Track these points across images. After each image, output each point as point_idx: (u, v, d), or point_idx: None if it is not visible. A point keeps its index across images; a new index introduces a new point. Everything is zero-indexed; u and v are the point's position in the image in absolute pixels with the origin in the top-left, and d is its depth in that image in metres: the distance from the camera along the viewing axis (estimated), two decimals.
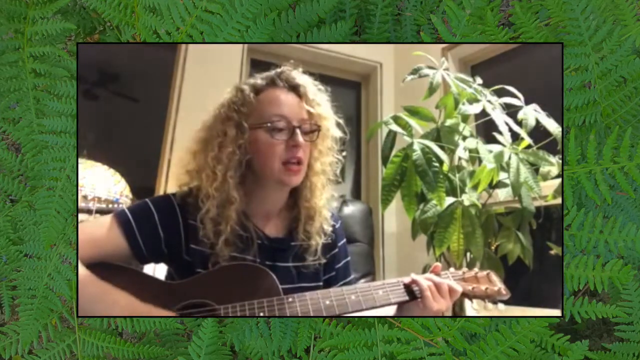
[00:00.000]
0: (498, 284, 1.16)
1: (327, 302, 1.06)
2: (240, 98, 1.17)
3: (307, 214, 1.22)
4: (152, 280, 1.11)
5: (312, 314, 1.05)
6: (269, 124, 1.14)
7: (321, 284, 1.27)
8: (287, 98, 1.17)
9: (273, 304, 1.05)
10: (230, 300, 1.06)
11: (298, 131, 1.14)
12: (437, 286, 1.11)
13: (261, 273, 1.09)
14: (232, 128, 1.15)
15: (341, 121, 1.24)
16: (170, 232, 1.14)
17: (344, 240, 1.35)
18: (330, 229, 1.26)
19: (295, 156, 1.14)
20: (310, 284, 1.24)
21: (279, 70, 1.20)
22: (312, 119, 1.18)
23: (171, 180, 2.31)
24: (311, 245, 1.22)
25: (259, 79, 1.19)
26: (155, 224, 1.14)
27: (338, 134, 1.23)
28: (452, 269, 1.19)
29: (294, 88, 1.18)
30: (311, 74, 1.23)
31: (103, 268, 1.07)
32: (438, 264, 1.17)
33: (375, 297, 1.09)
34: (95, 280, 1.04)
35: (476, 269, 1.19)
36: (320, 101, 1.20)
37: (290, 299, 1.06)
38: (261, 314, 1.04)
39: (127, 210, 1.14)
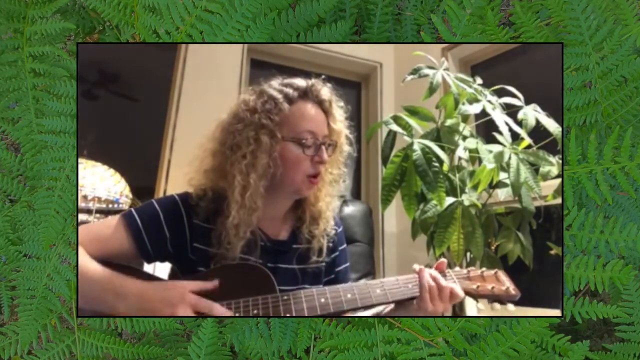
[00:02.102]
0: (507, 284, 1.14)
1: (322, 300, 1.05)
2: (273, 106, 1.17)
3: (312, 216, 1.23)
4: (153, 279, 1.11)
5: (306, 312, 1.04)
6: (303, 140, 1.16)
7: (321, 286, 1.27)
8: (316, 113, 1.19)
9: (268, 301, 1.05)
10: (227, 299, 1.05)
11: (324, 148, 1.17)
12: (440, 289, 1.10)
13: (258, 271, 1.09)
14: (266, 137, 1.15)
15: (352, 137, 1.27)
16: (176, 232, 1.16)
17: (345, 245, 1.35)
18: (332, 232, 1.27)
19: (318, 171, 1.17)
20: (312, 287, 1.23)
21: (310, 83, 1.21)
22: (331, 134, 1.21)
23: (173, 180, 2.31)
24: (313, 247, 1.23)
25: (290, 89, 1.19)
26: (161, 225, 1.15)
27: (348, 149, 1.26)
28: (457, 268, 1.17)
29: (321, 103, 1.20)
30: (331, 83, 1.25)
31: (106, 266, 1.08)
32: (444, 260, 1.16)
33: (372, 295, 1.08)
34: (102, 269, 1.06)
35: (484, 268, 1.17)
36: (339, 118, 1.23)
37: (285, 297, 1.05)
38: (255, 312, 1.04)
39: (134, 212, 1.16)
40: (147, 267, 1.68)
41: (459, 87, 1.71)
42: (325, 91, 1.22)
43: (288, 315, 1.04)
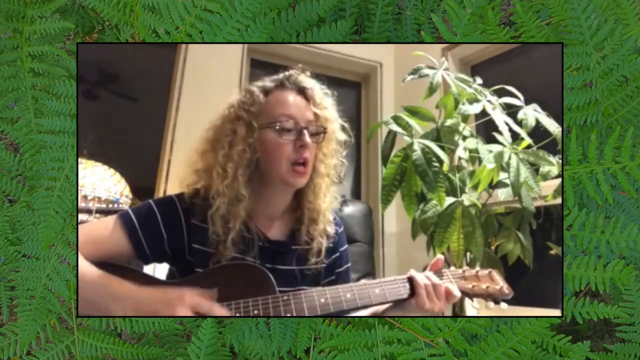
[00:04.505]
0: (500, 283, 1.16)
1: (322, 300, 1.06)
2: (249, 98, 1.19)
3: (310, 216, 1.22)
4: (151, 279, 1.11)
5: (306, 312, 1.04)
6: (277, 124, 1.15)
7: (321, 287, 1.26)
8: (295, 99, 1.19)
9: (268, 302, 1.05)
10: (227, 299, 1.05)
11: (306, 132, 1.16)
12: (435, 286, 1.11)
13: (258, 272, 1.09)
14: (242, 127, 1.17)
15: (346, 125, 1.25)
16: (173, 233, 1.15)
17: (346, 246, 1.34)
18: (333, 232, 1.26)
19: (302, 157, 1.16)
20: (311, 288, 1.23)
21: (287, 73, 1.21)
22: (318, 121, 1.20)
23: (173, 180, 2.31)
24: (313, 248, 1.22)
25: (267, 82, 1.21)
26: (158, 226, 1.14)
27: (342, 137, 1.25)
28: (452, 268, 1.19)
29: (302, 90, 1.20)
30: (318, 77, 1.25)
31: (104, 267, 1.08)
32: (440, 256, 1.17)
33: (371, 295, 1.08)
34: (99, 273, 1.05)
35: (478, 267, 1.18)
36: (326, 104, 1.22)
37: (285, 297, 1.05)
38: (255, 312, 1.04)
39: (131, 212, 1.15)
40: (147, 268, 1.68)
41: (459, 87, 1.71)
42: (304, 78, 1.21)
43: (289, 315, 1.03)
